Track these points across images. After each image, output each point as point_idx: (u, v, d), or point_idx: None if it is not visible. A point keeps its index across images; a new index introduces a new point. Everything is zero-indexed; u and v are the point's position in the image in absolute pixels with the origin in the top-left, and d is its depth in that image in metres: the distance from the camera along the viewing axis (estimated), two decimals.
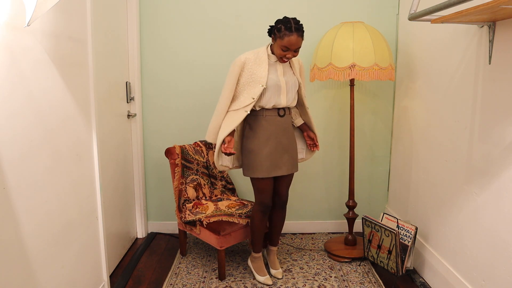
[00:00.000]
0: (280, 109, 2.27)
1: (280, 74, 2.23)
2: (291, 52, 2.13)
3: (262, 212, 2.35)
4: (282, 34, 2.09)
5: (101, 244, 2.17)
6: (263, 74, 2.17)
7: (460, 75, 2.09)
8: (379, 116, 3.09)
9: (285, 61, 2.19)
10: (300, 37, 2.11)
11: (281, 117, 2.28)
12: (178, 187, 2.66)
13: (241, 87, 2.21)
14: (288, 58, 2.16)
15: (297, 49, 2.14)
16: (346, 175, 2.99)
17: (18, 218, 1.44)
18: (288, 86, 2.24)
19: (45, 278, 1.61)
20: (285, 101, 2.25)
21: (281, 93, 2.23)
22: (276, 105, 2.24)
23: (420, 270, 2.52)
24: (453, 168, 2.16)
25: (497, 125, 1.79)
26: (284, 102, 2.25)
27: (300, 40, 2.11)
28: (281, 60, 2.19)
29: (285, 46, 2.10)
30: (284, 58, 2.16)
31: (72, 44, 1.85)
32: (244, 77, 2.19)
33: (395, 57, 2.94)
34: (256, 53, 2.22)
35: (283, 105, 2.25)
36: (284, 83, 2.23)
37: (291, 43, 2.08)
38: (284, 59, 2.17)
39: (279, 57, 2.17)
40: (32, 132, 1.53)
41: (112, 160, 2.54)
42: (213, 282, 2.44)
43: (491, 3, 1.39)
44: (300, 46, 2.14)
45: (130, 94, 2.87)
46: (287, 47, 2.10)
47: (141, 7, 2.93)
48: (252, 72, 2.18)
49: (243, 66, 2.19)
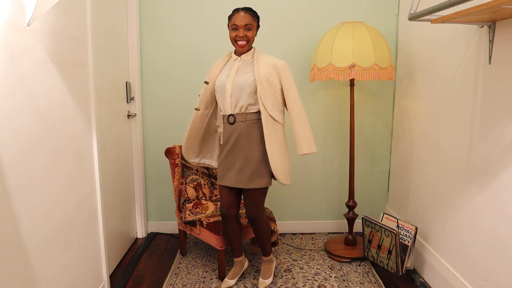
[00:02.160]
0: (229, 116, 2.12)
1: (233, 72, 2.11)
2: (241, 29, 2.05)
3: (222, 220, 2.28)
4: (230, 17, 2.10)
5: (101, 244, 2.17)
6: (215, 73, 2.17)
7: (460, 75, 2.09)
8: (379, 116, 3.08)
9: (242, 46, 2.08)
10: (247, 13, 2.05)
11: (230, 124, 2.12)
12: (178, 187, 2.66)
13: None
14: (240, 38, 2.06)
15: (247, 25, 2.04)
16: (346, 175, 2.99)
17: (18, 218, 1.44)
18: (235, 87, 2.07)
19: (45, 278, 1.61)
20: (229, 104, 2.09)
21: (225, 94, 2.10)
22: (223, 111, 2.15)
23: (420, 270, 2.52)
24: (453, 168, 2.16)
25: (497, 125, 1.79)
26: (228, 105, 2.09)
27: (248, 16, 2.05)
28: (238, 47, 2.09)
29: (233, 24, 2.06)
30: (237, 40, 2.07)
31: (72, 44, 1.85)
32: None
33: (395, 57, 2.94)
34: (223, 57, 2.24)
35: (227, 110, 2.11)
36: (230, 83, 2.08)
37: (237, 19, 2.05)
38: (239, 42, 2.07)
39: (234, 42, 2.09)
40: (32, 131, 1.53)
41: (112, 160, 2.54)
42: (213, 282, 2.44)
43: (491, 3, 1.39)
44: (249, 23, 2.05)
45: (130, 94, 2.87)
46: (235, 24, 2.05)
47: (141, 7, 2.93)
48: (211, 73, 2.20)
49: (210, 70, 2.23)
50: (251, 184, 2.10)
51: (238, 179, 2.12)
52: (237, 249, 2.38)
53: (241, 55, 2.16)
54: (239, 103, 2.09)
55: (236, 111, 2.10)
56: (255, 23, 2.11)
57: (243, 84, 2.07)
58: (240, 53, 2.16)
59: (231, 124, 2.12)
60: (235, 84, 2.08)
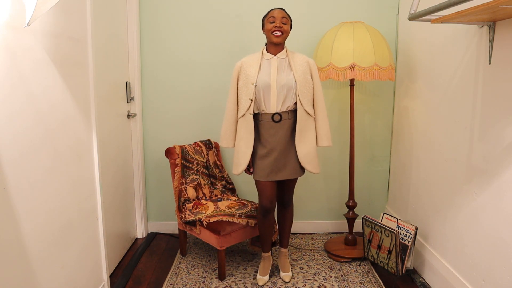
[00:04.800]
0: (275, 114, 2.20)
1: (274, 71, 2.18)
2: (278, 20, 2.14)
3: (261, 214, 2.35)
4: (266, 15, 2.21)
5: (101, 244, 2.17)
6: (254, 73, 2.19)
7: (460, 75, 2.09)
8: (379, 116, 3.09)
9: (278, 36, 2.15)
10: (283, 10, 2.18)
11: (275, 122, 2.22)
12: (178, 187, 2.66)
13: (240, 91, 2.25)
14: (278, 28, 2.14)
15: (283, 18, 2.15)
16: (346, 175, 2.99)
17: (18, 218, 1.44)
18: (282, 86, 2.17)
19: (45, 278, 1.61)
20: (275, 103, 2.19)
21: (271, 92, 2.17)
22: (266, 109, 2.21)
23: (420, 270, 2.52)
24: (453, 168, 2.16)
25: (497, 125, 1.79)
26: (274, 104, 2.19)
27: (283, 12, 2.18)
28: (274, 37, 2.16)
29: (271, 17, 2.16)
30: (274, 30, 2.14)
31: (72, 44, 1.85)
32: (241, 80, 2.24)
33: (395, 57, 2.94)
34: (252, 56, 2.26)
35: (272, 108, 2.19)
36: (275, 83, 2.16)
37: (274, 12, 2.17)
38: (275, 32, 2.15)
39: (271, 33, 2.16)
40: (32, 132, 1.53)
41: (112, 160, 2.54)
42: (213, 282, 2.44)
43: (491, 3, 1.39)
44: (286, 17, 2.17)
45: (130, 94, 2.87)
46: (273, 16, 2.16)
47: (141, 7, 2.93)
48: (246, 73, 2.21)
49: (239, 70, 2.24)
50: (295, 173, 2.28)
51: (291, 172, 2.26)
52: (269, 244, 2.46)
53: (277, 54, 2.22)
54: (286, 102, 2.20)
55: (283, 110, 2.20)
56: (289, 21, 2.20)
57: (291, 84, 2.18)
58: (276, 52, 2.22)
59: (276, 122, 2.21)
60: (281, 84, 2.17)
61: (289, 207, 2.45)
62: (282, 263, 2.50)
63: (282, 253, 2.52)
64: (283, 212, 2.46)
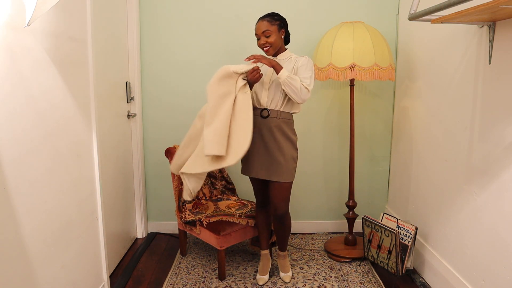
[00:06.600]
0: (263, 110, 2.19)
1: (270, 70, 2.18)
2: (262, 37, 2.17)
3: (257, 207, 2.40)
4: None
5: (101, 244, 2.17)
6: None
7: (460, 75, 2.09)
8: (379, 116, 3.08)
9: (267, 51, 2.20)
10: (264, 21, 2.17)
11: (263, 118, 2.19)
12: (178, 187, 2.66)
13: None
14: (263, 45, 2.19)
15: (265, 32, 2.15)
16: (346, 175, 2.99)
17: (18, 218, 1.44)
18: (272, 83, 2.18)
19: (45, 278, 1.61)
20: (266, 97, 2.18)
21: (263, 88, 2.19)
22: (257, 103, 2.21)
23: (420, 270, 2.52)
24: (453, 168, 2.16)
25: (497, 125, 1.79)
26: (265, 98, 2.18)
27: (264, 23, 2.16)
28: (267, 52, 2.21)
29: (256, 34, 2.21)
30: (262, 47, 2.21)
31: (72, 44, 1.85)
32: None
33: (395, 57, 2.94)
34: None
35: (263, 103, 2.19)
36: (269, 78, 2.18)
37: (257, 29, 2.20)
38: (264, 49, 2.21)
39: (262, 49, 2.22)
40: (32, 132, 1.53)
41: (112, 160, 2.54)
42: (213, 282, 2.44)
43: (491, 3, 1.39)
44: (267, 29, 2.15)
45: (130, 94, 2.87)
46: (256, 34, 2.20)
47: (141, 7, 2.93)
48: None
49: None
50: (277, 176, 2.19)
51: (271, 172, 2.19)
52: (265, 240, 2.48)
53: (276, 56, 2.25)
54: (272, 99, 2.19)
55: (272, 107, 2.19)
56: (273, 27, 2.17)
57: (278, 84, 2.16)
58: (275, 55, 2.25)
59: (263, 118, 2.19)
60: (272, 81, 2.18)
61: (286, 221, 2.32)
62: (282, 263, 2.50)
63: (280, 255, 2.50)
64: (278, 224, 2.34)
